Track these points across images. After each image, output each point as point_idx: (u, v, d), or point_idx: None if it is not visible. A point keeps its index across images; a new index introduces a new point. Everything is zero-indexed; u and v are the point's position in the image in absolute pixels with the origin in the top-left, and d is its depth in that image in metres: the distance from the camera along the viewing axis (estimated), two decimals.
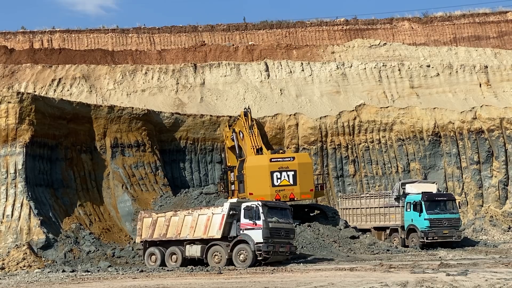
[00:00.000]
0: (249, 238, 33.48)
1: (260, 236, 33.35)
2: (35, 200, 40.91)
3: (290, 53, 67.69)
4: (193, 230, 34.87)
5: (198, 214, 35.09)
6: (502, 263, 31.19)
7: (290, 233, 35.16)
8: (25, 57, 64.79)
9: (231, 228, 34.23)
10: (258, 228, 33.45)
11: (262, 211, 33.64)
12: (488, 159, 55.09)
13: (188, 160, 52.21)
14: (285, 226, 34.74)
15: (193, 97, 58.20)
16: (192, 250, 34.93)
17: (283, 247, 34.23)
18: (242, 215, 33.96)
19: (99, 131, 47.64)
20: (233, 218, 34.17)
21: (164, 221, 36.10)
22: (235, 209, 34.15)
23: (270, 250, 33.38)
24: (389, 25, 75.78)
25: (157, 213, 37.46)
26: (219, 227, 34.04)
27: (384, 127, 55.85)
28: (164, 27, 75.15)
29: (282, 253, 34.46)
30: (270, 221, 33.80)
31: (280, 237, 34.19)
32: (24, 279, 29.88)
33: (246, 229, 33.77)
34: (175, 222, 35.69)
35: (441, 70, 61.07)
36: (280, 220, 34.46)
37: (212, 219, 34.44)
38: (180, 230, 35.37)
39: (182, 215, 35.70)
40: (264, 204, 34.17)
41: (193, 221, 35.01)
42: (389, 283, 22.91)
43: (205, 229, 34.46)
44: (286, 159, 43.02)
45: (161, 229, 36.06)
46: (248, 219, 33.71)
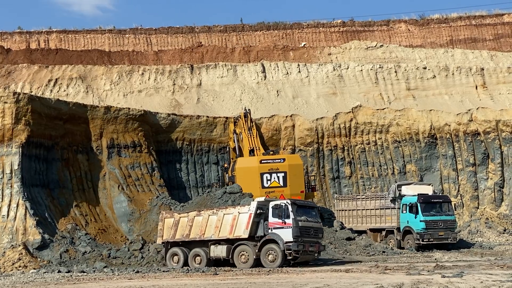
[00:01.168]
0: (278, 238, 32.81)
1: (290, 235, 32.65)
2: (31, 201, 40.89)
3: (287, 54, 67.74)
4: (218, 230, 34.14)
5: (224, 214, 34.34)
6: (497, 265, 31.22)
7: (318, 232, 34.51)
8: (22, 57, 64.76)
9: (258, 227, 33.51)
10: (287, 227, 32.78)
11: (292, 209, 32.94)
12: (484, 161, 55.18)
13: (185, 161, 52.22)
14: (314, 225, 34.08)
15: (189, 98, 58.22)
16: (217, 251, 34.23)
17: (313, 246, 33.58)
18: (271, 214, 33.28)
19: (96, 132, 47.62)
20: (260, 217, 33.50)
21: (187, 221, 35.40)
22: (262, 208, 33.52)
23: (300, 249, 32.69)
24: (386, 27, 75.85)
25: (179, 213, 36.75)
26: (246, 226, 33.32)
27: (380, 129, 55.92)
28: (161, 28, 75.12)
29: (312, 252, 33.79)
30: (300, 219, 33.10)
31: (309, 236, 33.57)
32: (19, 280, 29.85)
33: (274, 228, 33.07)
34: (198, 222, 34.99)
35: (437, 72, 61.16)
36: (309, 219, 33.83)
37: (239, 218, 33.72)
38: (204, 230, 34.64)
39: (206, 215, 34.99)
40: (293, 202, 33.54)
41: (218, 221, 34.29)
42: (385, 284, 22.94)
43: (231, 228, 33.74)
44: (277, 160, 43.18)
45: (183, 229, 35.37)
46: (277, 218, 33.02)
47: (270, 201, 34.08)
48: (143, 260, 38.84)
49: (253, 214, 33.24)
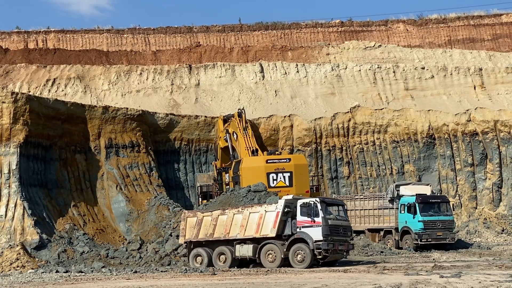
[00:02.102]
0: (307, 236, 32.10)
1: (320, 234, 31.93)
2: (29, 201, 40.87)
3: (285, 54, 67.74)
4: (243, 229, 33.37)
5: (249, 212, 33.57)
6: (495, 265, 31.23)
7: (347, 230, 33.81)
8: (20, 57, 64.74)
9: (286, 226, 32.70)
10: (317, 225, 32.07)
11: (321, 207, 32.24)
12: (482, 161, 55.21)
13: (183, 161, 52.20)
14: (343, 223, 33.42)
15: (187, 98, 58.20)
16: (243, 250, 33.43)
17: (342, 245, 32.89)
18: (299, 212, 32.54)
19: (94, 132, 47.59)
20: (288, 215, 32.71)
21: (210, 221, 34.61)
22: (289, 206, 32.78)
23: (330, 248, 31.97)
24: (384, 27, 75.89)
25: (202, 212, 35.95)
26: (273, 225, 32.54)
27: (378, 129, 55.92)
28: (159, 28, 75.14)
29: (341, 251, 33.09)
30: (329, 218, 32.43)
31: (338, 234, 32.82)
32: (17, 280, 29.81)
33: (303, 227, 32.33)
34: (223, 221, 34.19)
35: (435, 72, 61.18)
36: (338, 217, 33.26)
37: (265, 217, 32.95)
38: (229, 230, 33.85)
39: (231, 213, 34.21)
40: (322, 200, 32.86)
41: (243, 220, 33.50)
42: (383, 284, 22.93)
43: (258, 227, 32.99)
44: (282, 160, 43.05)
45: (207, 228, 34.59)
46: (306, 217, 32.31)
47: (297, 199, 33.36)
48: (141, 260, 38.78)
49: (281, 213, 32.52)
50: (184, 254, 38.90)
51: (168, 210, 45.30)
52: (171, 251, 39.23)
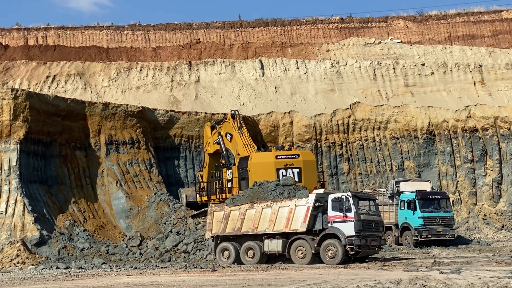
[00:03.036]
0: (339, 232, 31.49)
1: (352, 229, 31.34)
2: (29, 197, 40.91)
3: (285, 51, 67.71)
4: (272, 223, 32.78)
5: (279, 207, 32.94)
6: (495, 262, 31.27)
7: (379, 225, 33.26)
8: (20, 54, 64.70)
9: (316, 220, 32.13)
10: (349, 220, 31.46)
11: (353, 202, 31.69)
12: (482, 157, 55.23)
13: (183, 158, 52.19)
14: (375, 218, 32.93)
15: (187, 94, 58.20)
16: (272, 245, 32.87)
17: (374, 241, 32.29)
18: (330, 207, 32.00)
19: (94, 128, 47.60)
20: (318, 210, 32.11)
21: (238, 215, 34.11)
22: (320, 200, 32.15)
23: (362, 244, 31.40)
24: (384, 24, 75.83)
25: (230, 206, 35.31)
26: (304, 219, 31.96)
27: (378, 126, 55.93)
28: (159, 25, 75.07)
29: (373, 247, 32.51)
30: (361, 213, 31.93)
31: (371, 229, 32.26)
32: (18, 276, 29.86)
33: (335, 222, 31.75)
34: (251, 216, 33.63)
35: (435, 68, 61.17)
36: (370, 212, 32.83)
37: (295, 211, 32.34)
38: (257, 224, 33.25)
39: (259, 207, 33.61)
40: (354, 195, 32.34)
41: (272, 214, 32.93)
42: (383, 281, 22.96)
43: (287, 222, 32.40)
44: (292, 156, 42.94)
45: (234, 223, 34.07)
46: (338, 211, 31.73)
47: (329, 194, 32.84)
48: (141, 257, 38.85)
49: (311, 207, 31.96)
50: (184, 250, 38.95)
51: (168, 207, 45.33)
52: (171, 247, 39.29)
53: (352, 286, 21.68)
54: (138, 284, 24.04)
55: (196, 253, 38.45)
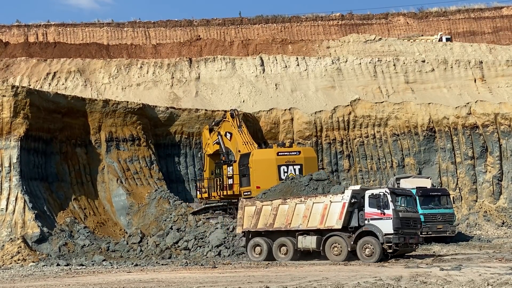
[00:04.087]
0: (377, 229, 30.89)
1: (390, 226, 30.71)
2: (29, 194, 40.91)
3: (286, 47, 67.69)
4: (306, 219, 32.17)
5: (313, 202, 32.28)
6: (495, 258, 31.31)
7: (417, 222, 32.59)
8: (20, 51, 64.72)
9: (352, 217, 31.50)
10: (387, 218, 30.83)
11: (391, 199, 31.01)
12: (483, 154, 55.21)
13: (183, 155, 52.16)
14: (413, 215, 32.24)
15: (188, 91, 58.18)
16: (306, 242, 32.24)
17: (412, 238, 31.74)
18: (367, 203, 31.34)
19: (94, 125, 47.58)
20: (354, 206, 31.48)
21: (270, 210, 33.45)
22: (356, 196, 31.54)
23: (400, 242, 30.82)
24: (385, 20, 75.86)
25: (261, 201, 34.67)
26: (339, 216, 31.29)
27: (379, 122, 55.91)
28: (159, 21, 75.12)
29: (411, 245, 32.01)
30: (399, 210, 31.21)
31: (409, 227, 31.57)
32: (18, 273, 29.89)
33: (372, 219, 31.14)
34: (284, 211, 33.00)
35: (436, 65, 61.13)
36: (408, 209, 32.00)
37: (330, 207, 31.65)
38: (290, 220, 32.65)
39: (293, 203, 32.97)
40: (392, 191, 31.65)
41: (306, 210, 32.28)
42: (383, 277, 22.98)
43: (322, 218, 31.73)
44: (293, 153, 42.95)
45: (267, 218, 33.44)
46: (375, 208, 31.08)
47: (365, 190, 32.20)
48: (142, 254, 38.86)
49: (347, 203, 31.27)
50: (184, 247, 38.96)
51: (168, 204, 45.33)
52: (172, 244, 39.31)
53: (352, 283, 21.69)
54: (139, 281, 24.06)
55: (196, 250, 38.46)
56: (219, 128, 46.90)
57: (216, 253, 37.51)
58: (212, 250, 37.93)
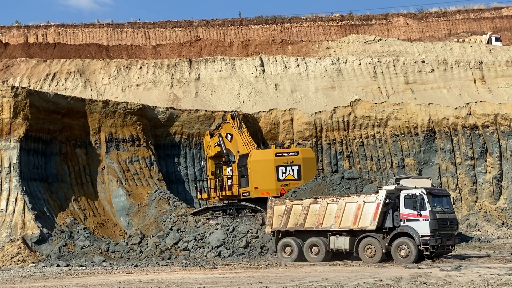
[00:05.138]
0: (413, 231, 30.30)
1: (427, 228, 30.16)
2: (29, 195, 40.91)
3: (285, 48, 67.68)
4: (339, 219, 31.54)
5: (346, 202, 31.68)
6: (495, 259, 31.32)
7: (454, 223, 31.96)
8: (20, 52, 64.71)
9: (386, 218, 30.91)
10: (423, 219, 30.25)
11: (428, 200, 30.47)
12: (483, 155, 55.20)
13: (183, 155, 52.15)
14: (450, 216, 31.62)
15: (188, 92, 58.18)
16: (338, 242, 31.64)
17: (449, 240, 31.16)
18: (403, 204, 30.76)
19: (94, 126, 47.58)
20: (388, 207, 30.93)
21: (301, 209, 32.87)
22: (391, 197, 30.91)
23: (437, 244, 30.28)
24: (384, 21, 75.89)
25: (292, 200, 34.04)
26: (374, 217, 30.69)
27: (378, 123, 55.90)
28: (159, 22, 75.13)
29: (448, 247, 31.45)
30: (436, 211, 30.63)
31: (446, 228, 31.02)
32: (18, 274, 29.88)
33: (408, 220, 30.55)
34: (315, 211, 32.41)
35: (435, 66, 61.13)
36: (445, 210, 31.37)
37: (364, 208, 31.03)
38: (322, 220, 32.05)
39: (324, 202, 32.36)
40: (428, 192, 31.06)
41: (339, 210, 31.68)
42: (383, 278, 22.98)
43: (355, 219, 31.11)
44: (291, 153, 42.88)
45: (297, 218, 32.88)
46: (411, 209, 30.49)
47: (400, 190, 31.47)
48: (142, 254, 38.86)
49: (382, 204, 30.69)
50: (184, 248, 38.95)
51: (168, 204, 45.34)
52: (172, 245, 39.31)
53: (352, 283, 21.69)
54: (139, 282, 24.05)
55: (196, 251, 38.47)
56: (220, 130, 46.92)
57: (216, 254, 37.51)
58: (212, 250, 37.92)
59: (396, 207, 30.98)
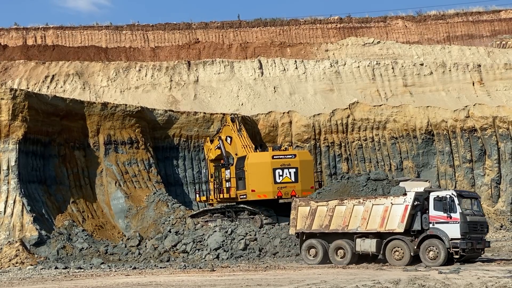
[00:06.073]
0: (442, 234, 29.72)
1: (458, 231, 29.53)
2: (28, 197, 40.89)
3: (284, 50, 67.71)
4: (365, 222, 30.98)
5: (372, 204, 31.09)
6: (494, 261, 31.29)
7: (484, 226, 31.11)
8: (19, 54, 64.70)
9: (414, 220, 30.30)
10: (453, 222, 29.64)
11: (458, 202, 29.83)
12: (481, 157, 55.22)
13: (182, 157, 52.15)
14: (480, 219, 30.82)
15: (186, 94, 58.19)
16: (364, 245, 31.08)
17: (480, 243, 30.38)
18: (432, 206, 30.16)
19: (93, 128, 47.58)
20: (416, 209, 30.34)
21: (326, 211, 32.28)
22: (419, 199, 30.35)
23: (468, 247, 29.55)
24: (383, 23, 75.90)
25: (316, 201, 33.44)
26: (402, 219, 30.09)
27: (377, 125, 55.91)
28: (158, 24, 75.11)
29: (478, 250, 30.62)
30: (466, 213, 29.99)
31: (476, 231, 30.25)
32: (16, 276, 29.87)
33: (437, 222, 29.99)
34: (341, 212, 31.80)
35: (434, 68, 61.17)
36: (475, 212, 30.69)
37: (392, 210, 30.45)
38: (348, 222, 31.46)
39: (350, 204, 31.73)
40: (459, 194, 30.41)
41: (365, 212, 31.10)
42: (382, 281, 22.97)
43: (382, 221, 30.56)
44: (288, 156, 42.82)
45: (322, 219, 32.32)
46: (441, 211, 29.92)
47: (429, 192, 30.99)
48: (140, 257, 38.84)
49: (410, 206, 30.14)
50: (183, 250, 38.93)
51: (167, 207, 45.34)
52: (170, 247, 39.30)
53: (351, 286, 21.69)
54: (137, 284, 24.04)
55: (195, 253, 38.45)
56: (220, 133, 46.96)
57: (215, 256, 37.49)
58: (211, 253, 37.90)
59: (425, 209, 30.50)
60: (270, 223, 41.35)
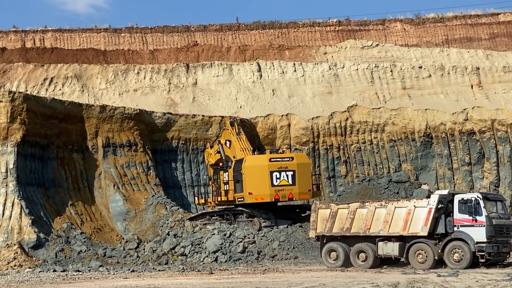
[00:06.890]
0: (467, 237, 29.21)
1: (483, 234, 28.98)
2: (26, 200, 40.87)
3: (283, 53, 67.69)
4: (387, 225, 30.54)
5: (395, 207, 30.61)
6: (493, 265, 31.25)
7: (510, 229, 30.43)
8: (17, 56, 64.64)
9: (438, 223, 29.84)
10: (479, 225, 29.11)
11: (484, 205, 29.30)
12: (480, 160, 55.23)
13: (180, 160, 52.14)
14: (506, 222, 30.22)
15: (185, 97, 58.19)
16: (387, 248, 30.59)
17: (506, 247, 29.90)
18: (457, 209, 29.62)
19: (91, 131, 47.58)
20: (440, 212, 29.85)
21: (347, 214, 31.83)
22: (443, 201, 29.86)
23: (494, 251, 29.07)
24: (382, 26, 75.81)
25: (337, 204, 33.12)
26: (425, 222, 29.66)
27: (376, 128, 55.92)
28: (156, 27, 74.98)
29: (504, 254, 30.25)
30: (492, 216, 29.43)
31: (502, 235, 29.74)
32: (14, 279, 29.83)
33: (462, 225, 29.48)
34: (362, 215, 31.34)
35: (433, 71, 61.18)
36: (501, 215, 30.09)
37: (414, 213, 29.98)
38: (369, 225, 31.01)
39: (372, 207, 31.29)
40: (484, 196, 29.85)
41: (387, 215, 30.64)
42: (380, 283, 22.95)
43: (405, 224, 30.11)
44: (285, 159, 42.80)
45: (343, 222, 31.82)
46: (466, 214, 29.37)
47: (454, 194, 30.49)
48: (139, 259, 38.84)
49: (434, 209, 29.63)
50: (181, 253, 38.92)
51: (165, 209, 45.32)
52: (169, 250, 39.29)
53: None
54: (135, 287, 24.01)
55: (193, 256, 38.45)
56: (220, 137, 46.99)
57: (213, 259, 37.48)
58: (209, 256, 37.89)
59: (449, 212, 30.08)
60: (269, 226, 41.36)
